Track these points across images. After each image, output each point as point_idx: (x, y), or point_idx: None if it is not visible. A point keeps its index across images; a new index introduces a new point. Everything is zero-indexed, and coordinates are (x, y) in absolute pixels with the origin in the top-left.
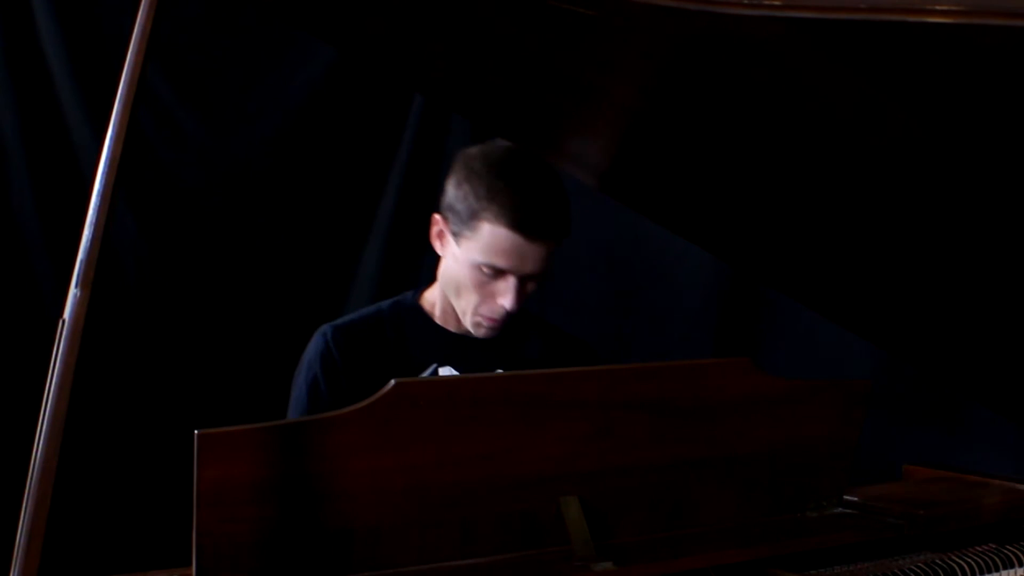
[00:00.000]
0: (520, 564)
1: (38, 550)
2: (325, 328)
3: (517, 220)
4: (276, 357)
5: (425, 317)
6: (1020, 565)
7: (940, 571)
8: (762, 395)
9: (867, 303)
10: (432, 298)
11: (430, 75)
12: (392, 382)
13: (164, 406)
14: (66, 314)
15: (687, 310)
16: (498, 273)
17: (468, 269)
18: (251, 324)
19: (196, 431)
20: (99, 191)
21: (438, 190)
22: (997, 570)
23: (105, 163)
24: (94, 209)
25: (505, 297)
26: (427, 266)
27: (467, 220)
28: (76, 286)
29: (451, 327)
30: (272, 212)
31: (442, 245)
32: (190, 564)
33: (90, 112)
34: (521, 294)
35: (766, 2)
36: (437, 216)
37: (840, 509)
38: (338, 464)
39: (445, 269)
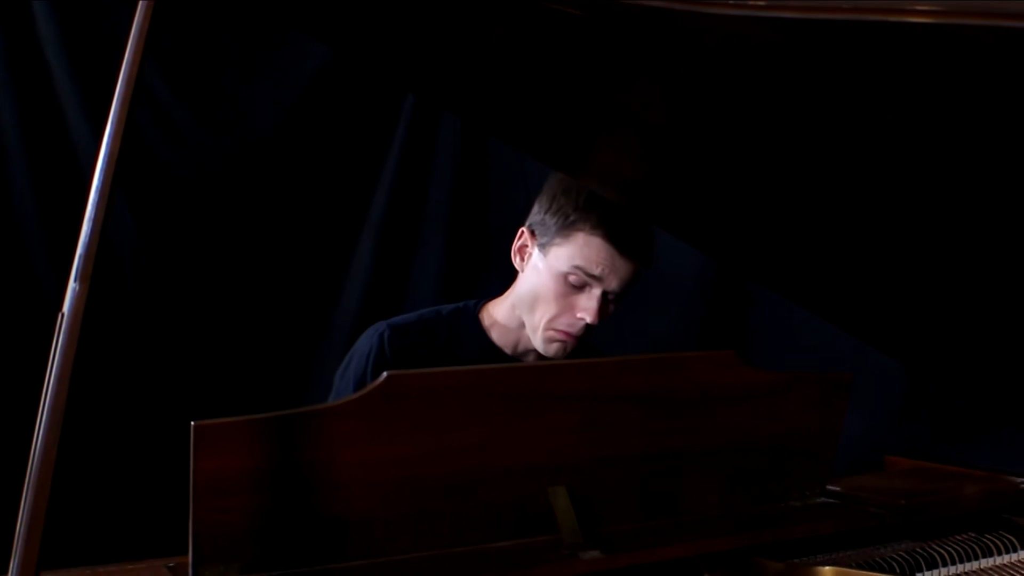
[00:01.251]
0: (510, 553)
1: (38, 538)
2: (382, 327)
3: (614, 232)
4: (270, 349)
5: (482, 332)
6: (999, 554)
7: (921, 560)
8: (747, 387)
9: (850, 297)
10: (494, 315)
11: (422, 74)
12: (384, 374)
13: (161, 398)
14: (65, 308)
15: (674, 304)
16: (583, 285)
17: (552, 279)
18: (246, 318)
19: (192, 422)
20: (97, 187)
21: (429, 186)
22: (976, 559)
23: (103, 160)
24: (92, 205)
25: (587, 310)
26: (418, 262)
27: (561, 229)
28: (75, 280)
29: (506, 347)
30: (266, 208)
31: (522, 259)
32: (187, 552)
33: (89, 110)
34: (603, 311)
35: (751, 3)
36: (524, 230)
37: (823, 499)
38: (332, 455)
39: (523, 282)
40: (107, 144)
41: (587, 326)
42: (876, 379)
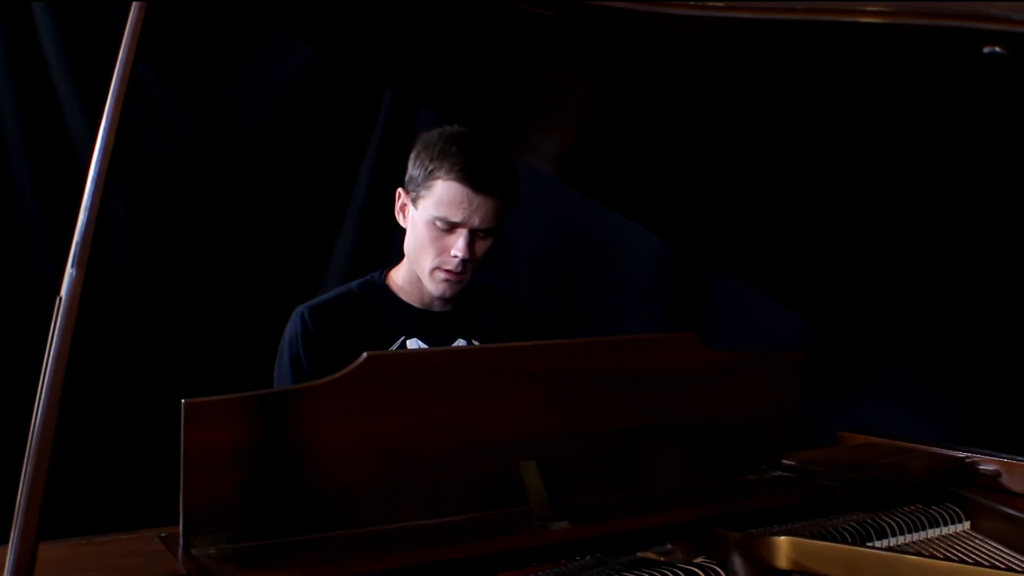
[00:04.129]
0: (483, 523)
1: (36, 510)
2: (302, 309)
3: (466, 174)
4: (256, 331)
5: (391, 294)
6: (944, 524)
7: (871, 530)
8: (707, 367)
9: (803, 282)
10: (397, 277)
11: (400, 71)
12: (364, 355)
13: (153, 377)
14: (63, 292)
15: (639, 288)
16: (451, 227)
17: (425, 227)
18: (233, 301)
19: (183, 400)
20: (93, 178)
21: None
22: (923, 529)
23: (99, 152)
24: (89, 194)
25: (457, 247)
26: (396, 248)
27: (423, 181)
28: (72, 266)
29: (415, 303)
30: (253, 197)
31: (404, 217)
32: (178, 523)
33: (85, 105)
34: (472, 247)
35: (710, 3)
36: (400, 190)
37: (779, 472)
38: (314, 431)
39: (407, 238)
40: (102, 137)
41: (465, 262)
42: (829, 358)
